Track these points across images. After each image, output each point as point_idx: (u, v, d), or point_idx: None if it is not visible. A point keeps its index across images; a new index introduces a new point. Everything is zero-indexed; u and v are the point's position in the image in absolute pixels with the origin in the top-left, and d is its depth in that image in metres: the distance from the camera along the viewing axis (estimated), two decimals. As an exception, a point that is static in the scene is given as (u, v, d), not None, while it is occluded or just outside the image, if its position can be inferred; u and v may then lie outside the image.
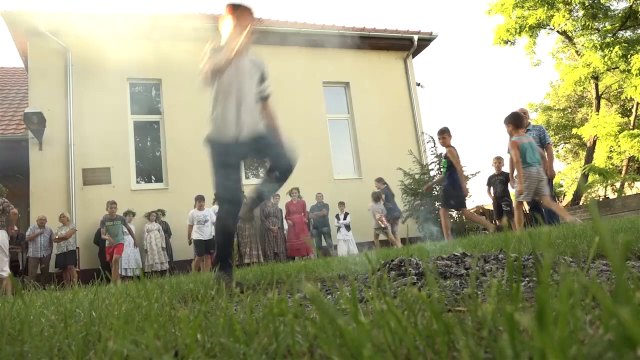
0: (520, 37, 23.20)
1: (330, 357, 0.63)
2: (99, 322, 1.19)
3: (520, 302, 0.73)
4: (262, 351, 0.74)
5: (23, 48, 12.02)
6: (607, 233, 0.45)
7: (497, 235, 4.73)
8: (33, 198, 10.37)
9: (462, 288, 1.70)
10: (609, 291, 1.10)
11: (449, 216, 8.61)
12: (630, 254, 2.33)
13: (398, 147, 12.95)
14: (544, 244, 0.56)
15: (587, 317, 0.76)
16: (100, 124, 11.22)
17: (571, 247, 2.59)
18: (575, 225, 4.29)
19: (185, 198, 11.09)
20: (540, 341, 0.44)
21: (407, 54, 14.52)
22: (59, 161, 10.85)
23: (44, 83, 11.20)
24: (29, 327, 1.07)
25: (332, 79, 13.75)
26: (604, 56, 20.34)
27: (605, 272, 1.78)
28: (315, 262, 3.96)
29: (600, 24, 22.29)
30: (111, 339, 0.79)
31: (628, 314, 0.41)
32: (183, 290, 2.56)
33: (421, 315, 0.79)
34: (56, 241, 9.96)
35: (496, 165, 9.57)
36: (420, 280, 1.93)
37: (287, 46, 13.05)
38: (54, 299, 2.13)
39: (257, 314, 0.96)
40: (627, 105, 27.61)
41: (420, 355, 0.65)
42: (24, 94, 13.57)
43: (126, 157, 11.44)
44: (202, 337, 0.86)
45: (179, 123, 11.92)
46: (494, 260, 2.20)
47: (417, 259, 2.26)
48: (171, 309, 1.18)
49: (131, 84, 12.20)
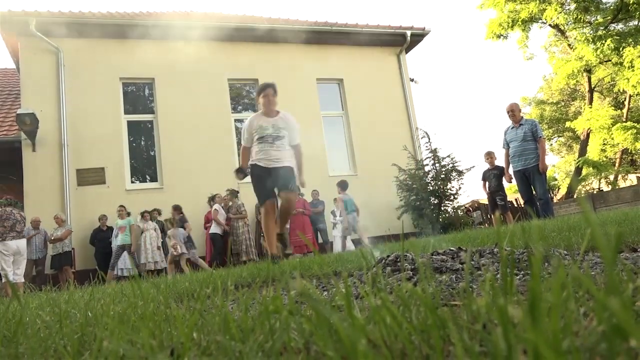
0: (512, 31, 23.27)
1: (326, 353, 0.63)
2: (95, 322, 1.18)
3: (514, 296, 0.74)
4: (258, 349, 0.74)
5: (14, 49, 11.94)
6: (598, 225, 0.45)
7: (493, 229, 4.75)
8: (27, 200, 10.32)
9: (457, 282, 1.70)
10: (602, 283, 1.11)
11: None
12: (623, 246, 2.35)
13: (392, 143, 12.95)
14: (536, 238, 0.57)
15: (581, 310, 0.76)
16: (94, 124, 11.18)
17: (565, 240, 2.61)
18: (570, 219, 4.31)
19: (180, 197, 11.07)
20: (533, 334, 0.44)
21: (400, 49, 14.52)
22: (52, 162, 10.80)
23: (36, 84, 11.14)
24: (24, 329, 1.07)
25: (325, 75, 13.74)
26: (596, 49, 20.42)
27: (599, 264, 1.79)
28: (311, 259, 3.96)
29: (592, 17, 22.38)
30: (107, 338, 0.79)
31: (619, 305, 0.41)
32: (179, 289, 2.55)
33: (416, 310, 0.79)
34: (52, 242, 9.94)
35: (489, 161, 9.59)
36: (416, 276, 1.93)
37: (280, 43, 13.03)
38: (49, 300, 2.13)
39: (252, 312, 0.96)
40: (620, 98, 27.74)
41: (415, 350, 0.66)
42: (16, 95, 13.48)
43: (120, 157, 11.40)
44: (198, 336, 0.86)
45: (173, 122, 11.90)
46: (489, 254, 2.20)
47: (413, 255, 2.26)
48: (167, 308, 1.18)
49: (124, 83, 12.15)
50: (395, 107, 14.09)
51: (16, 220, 8.39)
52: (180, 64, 11.99)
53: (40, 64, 11.24)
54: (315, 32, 13.33)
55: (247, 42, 12.89)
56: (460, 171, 12.18)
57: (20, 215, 8.62)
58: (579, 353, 0.53)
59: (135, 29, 11.60)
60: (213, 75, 12.45)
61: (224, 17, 13.94)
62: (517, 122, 8.01)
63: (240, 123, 13.23)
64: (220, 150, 12.06)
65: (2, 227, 8.20)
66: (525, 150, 7.82)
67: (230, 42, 12.67)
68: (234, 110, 12.99)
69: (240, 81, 13.25)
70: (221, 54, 12.61)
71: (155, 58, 11.82)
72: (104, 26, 11.63)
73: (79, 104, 11.21)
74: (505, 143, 8.23)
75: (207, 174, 11.49)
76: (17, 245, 8.30)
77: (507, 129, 8.20)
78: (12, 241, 8.21)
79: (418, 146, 13.72)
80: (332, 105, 13.87)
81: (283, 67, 12.97)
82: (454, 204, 12.36)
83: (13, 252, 8.23)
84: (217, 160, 11.88)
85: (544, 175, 7.82)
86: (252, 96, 13.38)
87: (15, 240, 8.27)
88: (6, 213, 8.34)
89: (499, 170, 9.26)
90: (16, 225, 8.36)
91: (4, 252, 8.11)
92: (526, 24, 23.14)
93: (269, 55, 13.07)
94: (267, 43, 12.99)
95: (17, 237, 8.33)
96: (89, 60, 11.48)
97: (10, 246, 8.17)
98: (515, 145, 7.93)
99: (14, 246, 8.22)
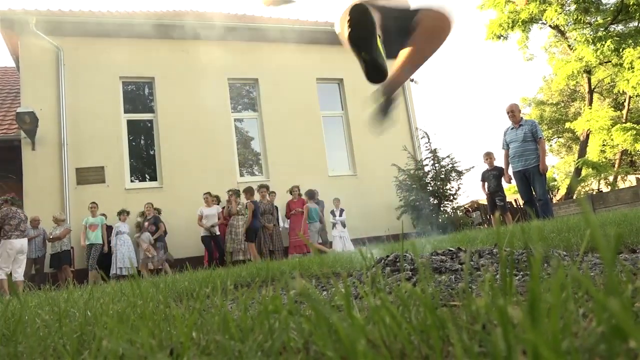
0: (513, 31, 23.27)
1: (325, 353, 0.63)
2: (94, 321, 1.18)
3: (514, 296, 0.74)
4: (257, 348, 0.74)
5: (14, 47, 11.93)
6: (597, 226, 0.45)
7: (492, 230, 4.75)
8: (27, 198, 10.32)
9: (456, 283, 1.70)
10: (601, 284, 1.11)
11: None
12: (622, 247, 2.35)
13: (392, 143, 12.95)
14: (536, 239, 0.57)
15: (581, 310, 0.76)
16: (94, 123, 11.18)
17: (564, 240, 2.61)
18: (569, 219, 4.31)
19: (180, 196, 11.07)
20: (532, 334, 0.44)
21: (401, 49, 14.51)
22: (52, 161, 10.79)
23: (36, 82, 11.13)
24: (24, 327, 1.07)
25: (325, 75, 13.74)
26: (596, 50, 20.42)
27: (599, 265, 1.79)
28: (310, 259, 3.97)
29: (592, 18, 22.38)
30: (106, 338, 0.79)
31: (619, 306, 0.41)
32: (178, 288, 2.55)
33: (415, 310, 0.79)
34: (50, 241, 9.93)
35: (488, 161, 9.60)
36: (415, 276, 1.93)
37: (280, 43, 13.02)
38: (48, 299, 2.13)
39: (251, 312, 0.96)
40: (620, 99, 27.75)
41: (414, 350, 0.66)
42: (16, 94, 13.48)
43: (120, 156, 11.39)
44: (197, 335, 0.86)
45: (173, 121, 11.90)
46: (489, 254, 2.20)
47: (412, 255, 2.26)
48: (166, 308, 1.18)
49: (124, 82, 12.15)
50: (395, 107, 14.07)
51: (20, 220, 8.50)
52: (180, 63, 11.99)
53: (40, 62, 11.23)
54: (315, 31, 13.32)
55: (247, 42, 12.88)
56: (459, 171, 12.20)
57: (24, 214, 8.74)
58: (578, 354, 0.53)
59: (135, 28, 11.60)
60: (213, 75, 12.45)
61: (223, 16, 13.93)
62: (517, 123, 8.02)
63: (239, 122, 13.24)
64: (220, 149, 12.05)
65: (8, 225, 8.30)
66: (525, 151, 7.82)
67: (230, 41, 12.67)
68: (233, 109, 12.99)
69: (240, 81, 13.24)
70: (221, 53, 12.60)
71: (156, 57, 11.82)
72: (104, 25, 11.62)
73: (79, 102, 11.20)
74: (505, 144, 8.23)
75: (206, 173, 11.49)
76: (21, 244, 8.41)
77: (506, 130, 8.20)
78: (16, 240, 8.32)
79: (418, 146, 13.72)
80: (332, 105, 13.87)
81: (283, 66, 12.96)
82: (454, 205, 12.37)
83: (17, 250, 8.32)
84: (216, 160, 11.88)
85: (544, 176, 7.83)
86: (252, 96, 13.38)
87: (19, 239, 8.39)
88: (12, 212, 8.43)
89: (498, 171, 9.27)
90: (20, 224, 8.47)
91: (8, 250, 8.21)
92: (526, 25, 23.14)
93: (269, 55, 13.06)
94: (267, 42, 12.99)
95: (21, 236, 8.45)
96: (89, 59, 11.47)
97: (14, 245, 8.28)
98: (515, 146, 7.93)
99: (18, 245, 8.32)
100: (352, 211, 11.79)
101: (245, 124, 13.35)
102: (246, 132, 13.28)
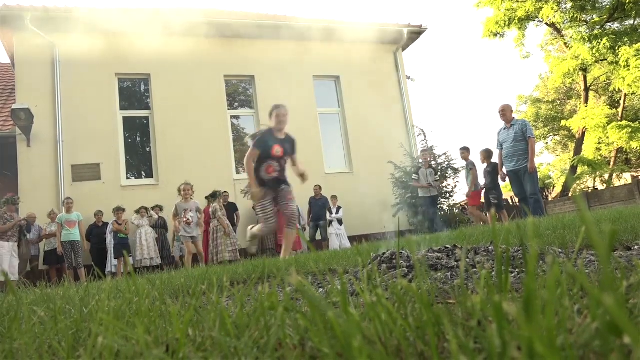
0: (509, 29, 23.26)
1: (321, 350, 0.63)
2: (90, 318, 1.18)
3: (509, 293, 0.74)
4: (253, 345, 0.74)
5: (9, 44, 11.87)
6: (592, 223, 0.46)
7: (488, 227, 4.76)
8: (22, 195, 10.28)
9: (452, 280, 1.71)
10: (596, 281, 1.12)
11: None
12: (617, 244, 2.36)
13: (389, 140, 12.96)
14: (531, 236, 0.57)
15: (576, 307, 0.77)
16: (89, 120, 11.14)
17: (560, 238, 2.62)
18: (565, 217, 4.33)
19: (176, 194, 11.04)
20: (527, 330, 0.44)
21: (397, 47, 14.51)
22: (47, 158, 10.76)
23: (31, 79, 11.08)
24: (19, 324, 1.07)
25: (322, 72, 13.72)
26: (592, 48, 20.44)
27: (594, 262, 1.79)
28: (307, 256, 3.97)
29: (589, 16, 22.41)
30: (101, 334, 0.79)
31: (613, 302, 0.41)
32: (174, 285, 2.55)
33: (411, 307, 0.79)
34: (45, 237, 9.90)
35: (483, 157, 9.63)
36: (411, 273, 1.94)
37: (277, 40, 13.00)
38: (44, 296, 2.12)
39: (248, 308, 0.96)
40: (616, 97, 27.82)
41: (410, 346, 0.66)
42: (11, 90, 13.41)
43: (116, 153, 11.37)
44: (193, 332, 0.86)
45: (169, 118, 11.87)
46: (485, 252, 2.21)
47: (408, 252, 2.27)
48: (162, 304, 1.17)
49: (120, 79, 12.11)
50: (392, 104, 14.09)
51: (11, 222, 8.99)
52: (176, 59, 11.95)
53: (35, 59, 11.18)
54: (312, 29, 13.30)
55: (243, 39, 12.85)
56: (456, 169, 12.21)
57: (18, 218, 9.27)
58: (573, 350, 0.53)
59: (131, 24, 11.54)
60: (209, 72, 12.42)
61: (220, 13, 13.90)
62: (509, 123, 8.14)
63: (236, 119, 13.22)
64: (216, 146, 12.03)
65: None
66: (516, 151, 7.94)
67: (226, 38, 12.64)
68: (230, 106, 12.96)
69: (237, 77, 13.21)
70: (218, 50, 12.58)
71: (152, 53, 11.77)
72: (100, 21, 11.56)
73: (75, 99, 11.16)
74: (498, 144, 8.34)
75: (202, 170, 11.47)
76: (11, 246, 8.94)
77: (500, 130, 8.34)
78: (6, 242, 8.84)
79: (414, 144, 13.73)
80: (329, 102, 13.86)
81: (280, 63, 12.94)
82: (450, 202, 12.39)
83: (7, 251, 8.71)
84: (212, 157, 11.86)
85: (535, 173, 7.91)
86: (248, 93, 13.36)
87: (9, 242, 8.92)
88: (7, 215, 8.95)
89: (492, 167, 9.31)
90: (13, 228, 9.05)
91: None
92: (523, 23, 23.13)
93: (265, 52, 13.04)
94: (264, 39, 12.97)
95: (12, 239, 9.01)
96: (84, 55, 11.42)
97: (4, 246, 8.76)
98: (507, 146, 8.06)
99: (8, 246, 8.82)
100: (349, 208, 11.81)
101: (242, 120, 13.33)
102: (242, 129, 13.27)
